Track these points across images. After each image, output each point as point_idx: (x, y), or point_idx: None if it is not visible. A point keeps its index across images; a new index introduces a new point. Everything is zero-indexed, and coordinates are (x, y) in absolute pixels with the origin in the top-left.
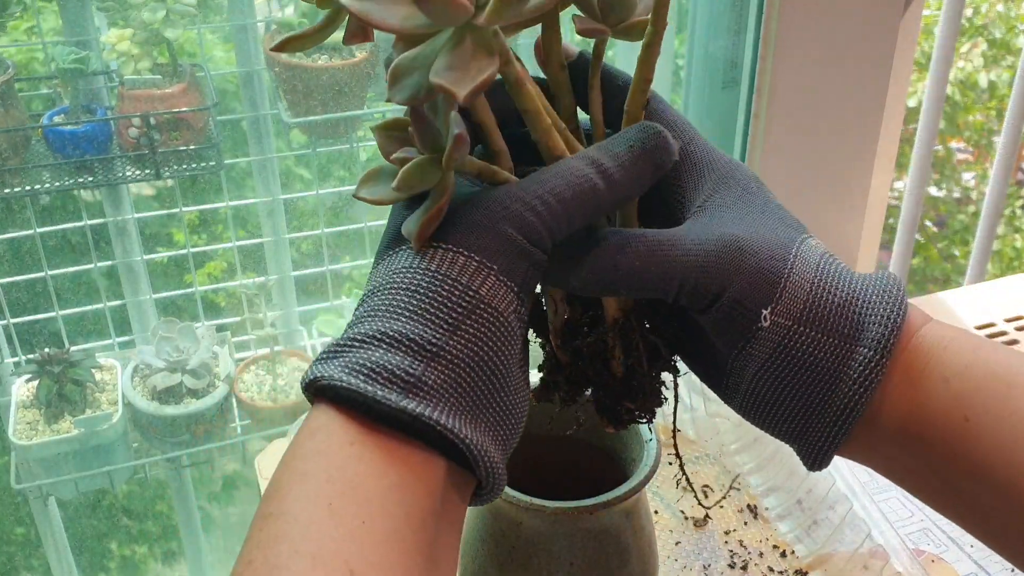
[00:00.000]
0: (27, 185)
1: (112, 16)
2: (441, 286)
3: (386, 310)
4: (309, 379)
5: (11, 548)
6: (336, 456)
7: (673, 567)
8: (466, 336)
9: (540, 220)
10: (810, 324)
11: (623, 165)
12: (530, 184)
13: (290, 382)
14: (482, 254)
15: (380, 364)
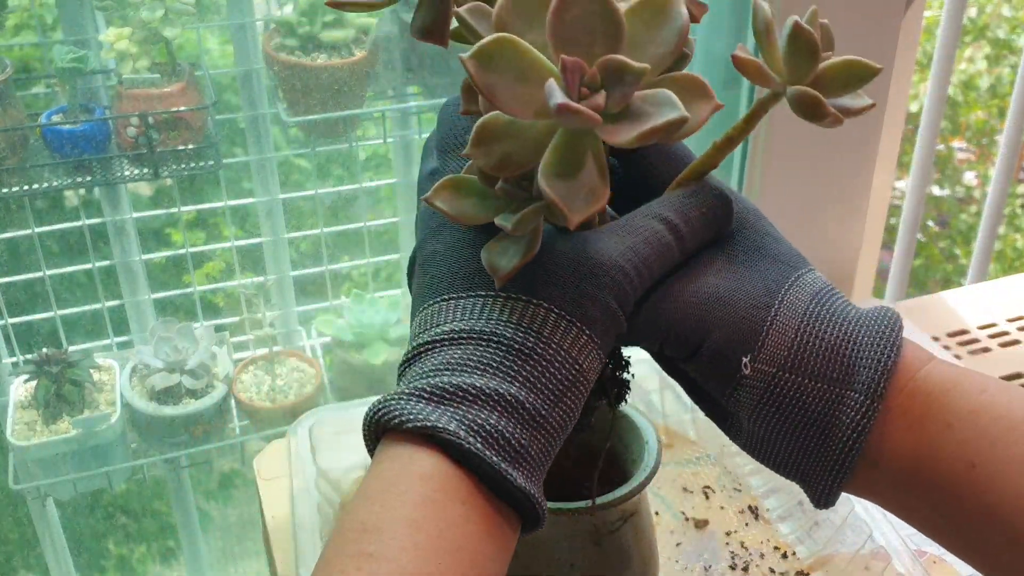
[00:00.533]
0: (25, 184)
1: (110, 15)
2: (556, 356)
3: (498, 367)
4: (420, 424)
5: (9, 548)
6: (448, 512)
7: (674, 568)
8: (565, 408)
9: (633, 290)
10: (796, 370)
11: (694, 230)
12: (623, 248)
13: (289, 383)
14: (591, 328)
15: (497, 430)
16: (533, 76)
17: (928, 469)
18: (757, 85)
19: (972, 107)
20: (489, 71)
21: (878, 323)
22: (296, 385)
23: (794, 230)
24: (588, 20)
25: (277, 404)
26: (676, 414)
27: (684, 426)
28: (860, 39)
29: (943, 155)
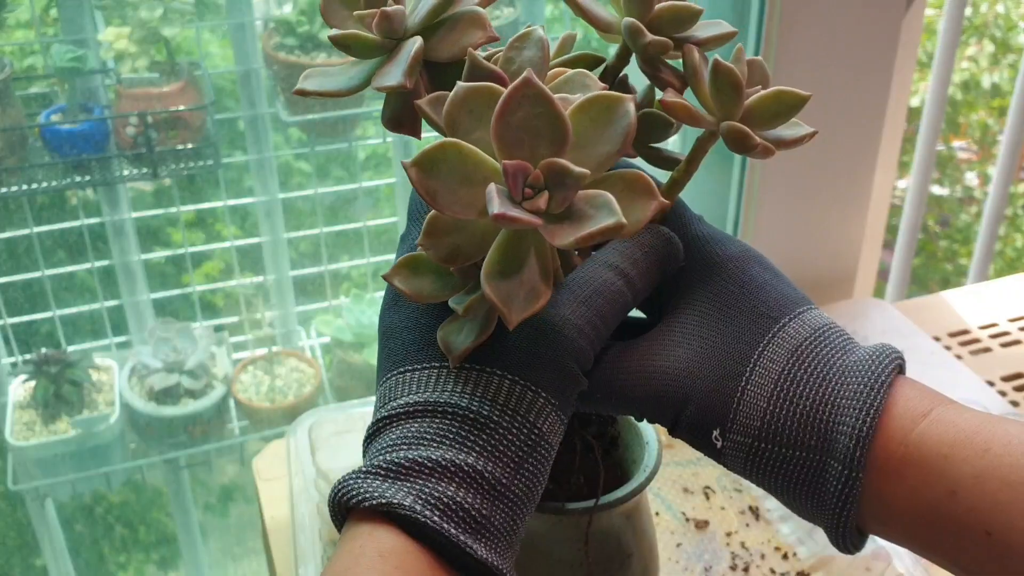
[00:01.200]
0: (24, 184)
1: (110, 14)
2: (512, 422)
3: (454, 438)
4: (376, 501)
5: (8, 549)
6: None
7: (674, 569)
8: (527, 474)
9: (591, 346)
10: (773, 440)
11: (642, 272)
12: (578, 308)
13: (288, 383)
14: (548, 391)
15: (456, 502)
16: (477, 178)
17: (940, 533)
18: (689, 126)
19: (973, 107)
20: (431, 177)
21: (862, 377)
22: (295, 385)
23: (795, 230)
24: (533, 122)
25: (276, 404)
26: None
27: None
28: (861, 39)
29: (944, 155)
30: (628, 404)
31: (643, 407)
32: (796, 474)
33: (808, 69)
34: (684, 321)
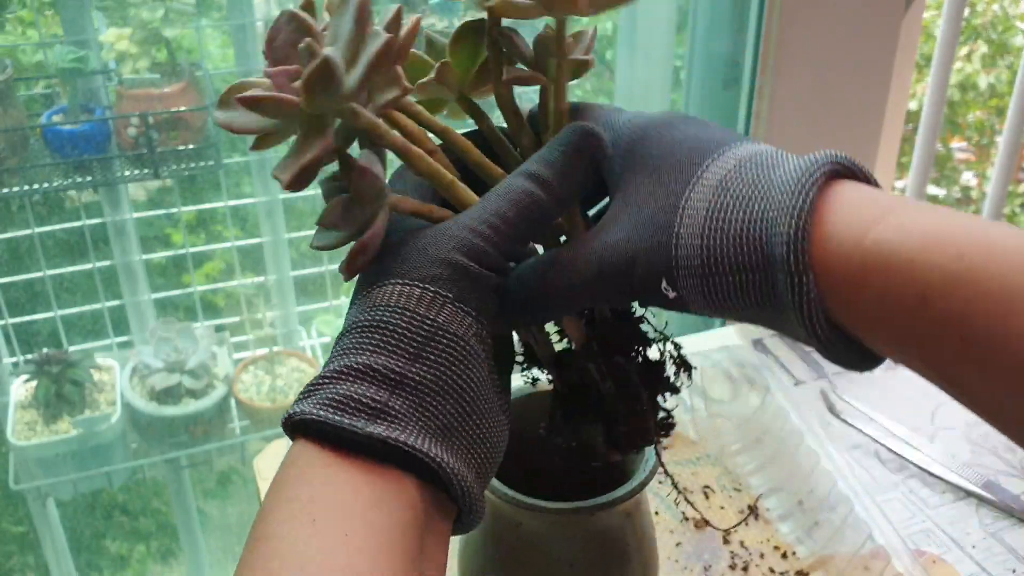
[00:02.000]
0: (25, 185)
1: (111, 15)
2: (401, 318)
3: (354, 347)
4: (285, 417)
5: (9, 548)
6: (315, 479)
7: (674, 568)
8: (428, 362)
9: (488, 243)
10: (716, 272)
11: (558, 170)
12: (474, 210)
13: (289, 382)
14: (436, 284)
15: (348, 395)
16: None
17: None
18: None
19: (971, 107)
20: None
21: (790, 185)
22: (296, 385)
23: None
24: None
25: (277, 404)
26: (676, 414)
27: (684, 426)
28: (860, 40)
29: (942, 155)
30: (583, 289)
31: (597, 286)
32: (752, 297)
33: (807, 70)
34: (621, 198)
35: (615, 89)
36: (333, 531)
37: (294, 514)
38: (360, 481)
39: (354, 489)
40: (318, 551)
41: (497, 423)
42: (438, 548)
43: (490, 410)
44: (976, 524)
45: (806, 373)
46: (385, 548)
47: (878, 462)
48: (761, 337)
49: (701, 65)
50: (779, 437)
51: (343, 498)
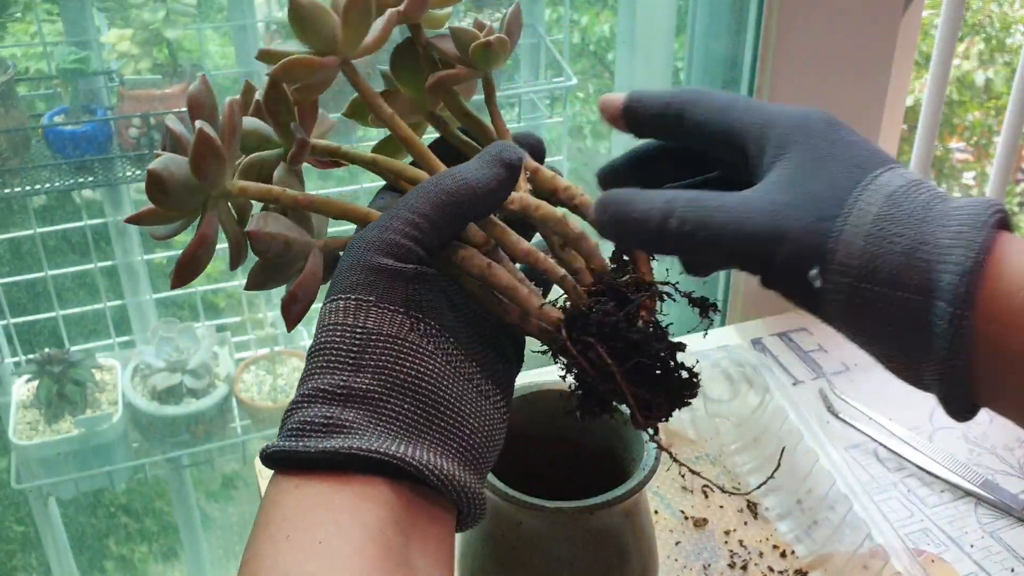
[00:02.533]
0: (27, 185)
1: (112, 16)
2: (332, 334)
3: (306, 375)
4: (261, 456)
5: (11, 547)
6: (286, 500)
7: (673, 567)
8: (370, 369)
9: (404, 236)
10: (872, 279)
11: (472, 168)
12: (388, 212)
13: (290, 382)
14: (356, 291)
15: (303, 421)
16: None
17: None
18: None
19: (969, 107)
20: None
21: (964, 219)
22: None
23: None
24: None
25: (278, 404)
26: (675, 413)
27: (683, 426)
28: (858, 39)
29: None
30: (721, 245)
31: (736, 246)
32: (900, 317)
33: (806, 70)
34: (779, 174)
35: (614, 89)
36: (306, 541)
37: (271, 535)
38: (327, 493)
39: (324, 501)
40: (293, 562)
41: (475, 409)
42: (434, 541)
43: (460, 398)
44: (974, 523)
45: (805, 373)
46: (360, 548)
47: (877, 461)
48: (760, 337)
49: (700, 65)
50: (778, 436)
51: (314, 511)
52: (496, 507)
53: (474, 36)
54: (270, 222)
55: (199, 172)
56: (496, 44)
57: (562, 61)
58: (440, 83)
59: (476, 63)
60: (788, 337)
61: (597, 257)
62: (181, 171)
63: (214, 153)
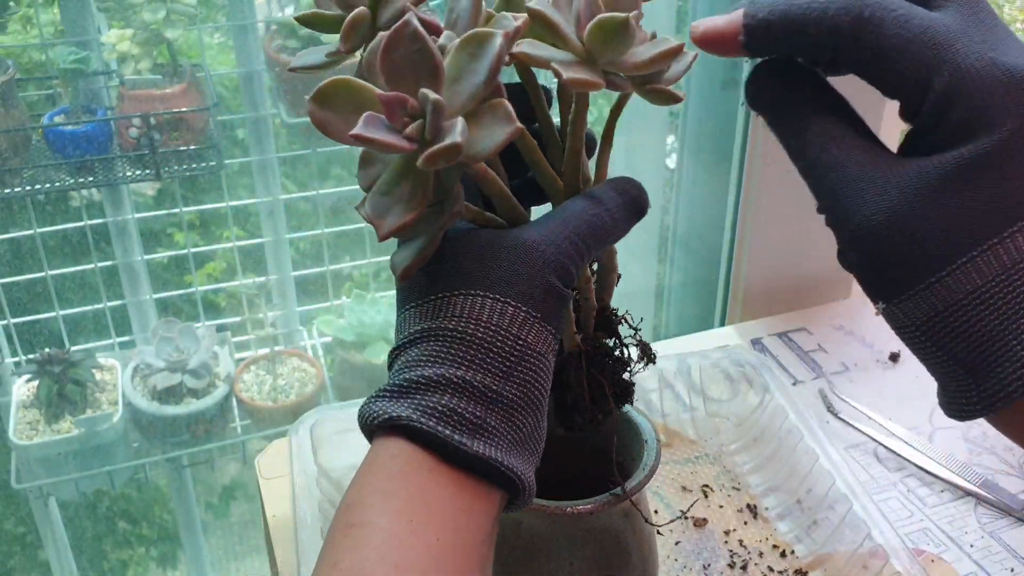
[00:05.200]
0: (27, 185)
1: (112, 16)
2: (496, 337)
3: (446, 357)
4: (384, 417)
5: (11, 547)
6: (415, 479)
7: (673, 567)
8: (518, 381)
9: (572, 263)
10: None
11: (620, 207)
12: (555, 228)
13: (290, 382)
14: (528, 304)
15: (450, 408)
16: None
17: None
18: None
19: None
20: (324, 109)
21: None
22: (297, 385)
23: (793, 231)
24: (412, 58)
25: (278, 403)
26: (675, 413)
27: (683, 425)
28: None
29: None
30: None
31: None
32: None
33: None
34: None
35: None
36: (427, 533)
37: (394, 509)
38: (455, 490)
39: (450, 496)
40: (411, 549)
41: (545, 429)
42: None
43: (546, 414)
44: (974, 523)
45: (805, 373)
46: (467, 553)
47: (876, 461)
48: (760, 337)
49: (700, 65)
50: (778, 436)
51: (441, 503)
52: None
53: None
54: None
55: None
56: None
57: None
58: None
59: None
60: (788, 337)
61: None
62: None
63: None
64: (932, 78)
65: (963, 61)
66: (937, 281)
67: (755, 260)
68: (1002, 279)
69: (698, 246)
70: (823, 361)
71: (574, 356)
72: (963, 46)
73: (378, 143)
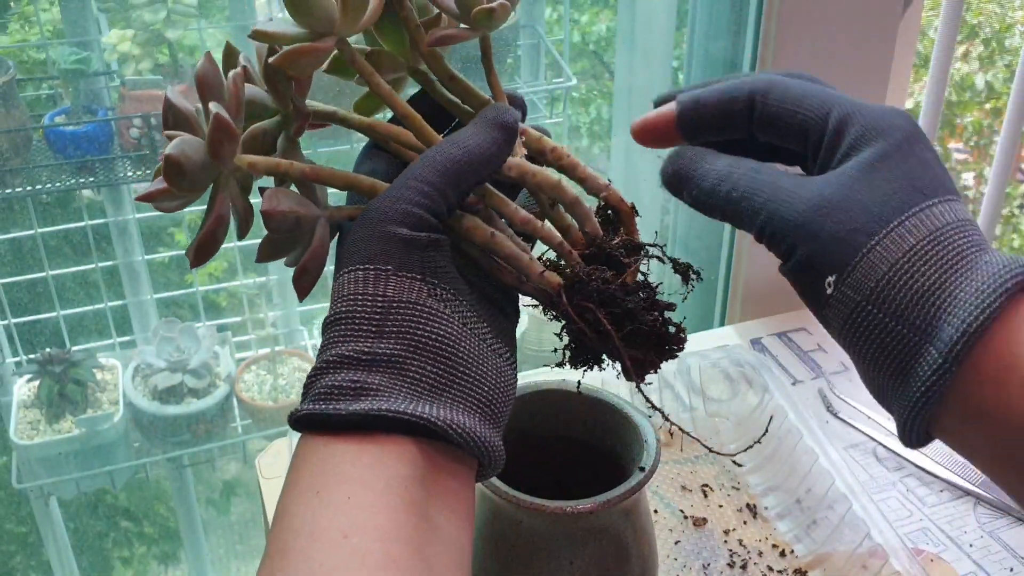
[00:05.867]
0: (28, 185)
1: (113, 17)
2: (354, 304)
3: (328, 342)
4: (289, 419)
5: (12, 547)
6: (314, 458)
7: (673, 566)
8: (393, 335)
9: (417, 206)
10: (880, 306)
11: (473, 135)
12: (398, 182)
13: (291, 382)
14: (375, 261)
15: (331, 385)
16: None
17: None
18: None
19: (968, 108)
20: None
21: (989, 278)
22: (298, 384)
23: None
24: None
25: (279, 403)
26: (675, 413)
27: (683, 425)
28: (858, 40)
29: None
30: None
31: (770, 226)
32: (891, 349)
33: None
34: (841, 172)
35: (614, 90)
36: (335, 497)
37: (301, 492)
38: (355, 451)
39: (351, 459)
40: (323, 517)
41: (491, 368)
42: (453, 494)
43: (477, 358)
44: (973, 523)
45: (804, 372)
46: (384, 501)
47: (876, 461)
48: (760, 337)
49: (699, 66)
50: (777, 436)
51: (341, 468)
52: (496, 507)
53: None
54: (282, 199)
55: (217, 155)
56: (499, 11)
57: (562, 61)
58: (440, 42)
59: (479, 24)
60: (787, 337)
61: (590, 221)
62: (197, 153)
63: (229, 136)
64: (830, 111)
65: (849, 101)
66: (874, 246)
67: (755, 260)
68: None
69: (698, 246)
70: (822, 361)
71: (556, 295)
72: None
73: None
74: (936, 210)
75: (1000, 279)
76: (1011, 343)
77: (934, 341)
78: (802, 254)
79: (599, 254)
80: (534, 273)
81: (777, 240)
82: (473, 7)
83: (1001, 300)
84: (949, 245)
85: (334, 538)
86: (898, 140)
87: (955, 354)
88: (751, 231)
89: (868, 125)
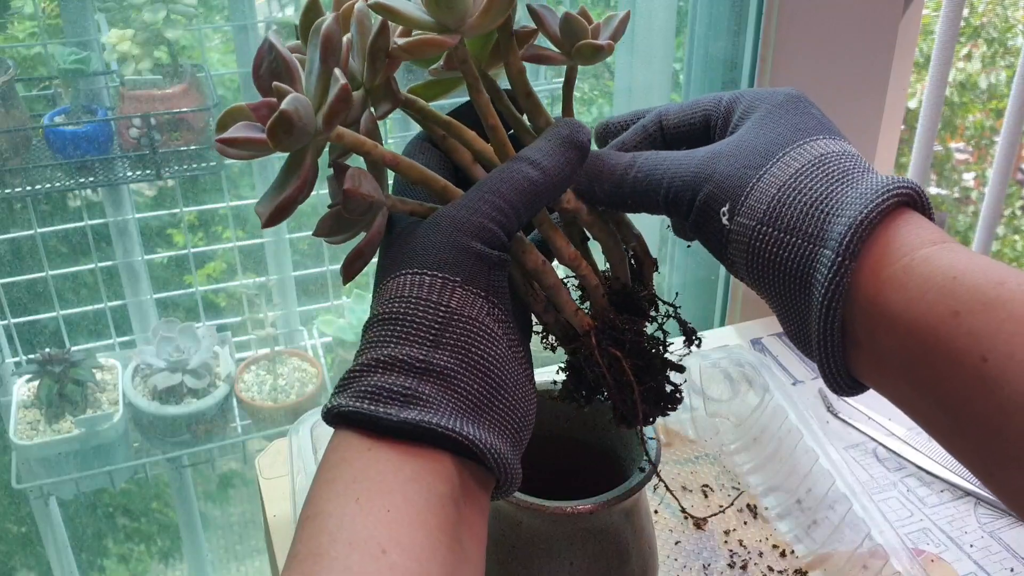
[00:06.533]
0: (28, 185)
1: (113, 17)
2: (417, 308)
3: (378, 340)
4: (326, 410)
5: (11, 547)
6: (357, 461)
7: (673, 567)
8: (449, 347)
9: (493, 222)
10: (773, 224)
11: (550, 154)
12: (475, 193)
13: (291, 382)
14: (444, 270)
15: (380, 386)
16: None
17: (933, 357)
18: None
19: (970, 109)
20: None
21: (873, 186)
22: (297, 384)
23: None
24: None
25: (279, 403)
26: (675, 413)
27: (683, 425)
28: (858, 40)
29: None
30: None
31: (671, 190)
32: (790, 264)
33: (806, 70)
34: (731, 136)
35: (615, 90)
36: (375, 507)
37: (339, 493)
38: (398, 461)
39: (394, 468)
40: (362, 526)
41: (524, 393)
42: (477, 516)
43: (516, 383)
44: (974, 523)
45: (804, 372)
46: (423, 519)
47: (876, 461)
48: (760, 337)
49: (700, 67)
50: (777, 436)
51: (383, 477)
52: (496, 507)
53: (584, 30)
54: (363, 182)
55: (329, 123)
56: (607, 50)
57: None
58: (536, 60)
59: (577, 57)
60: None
61: (623, 268)
62: (308, 115)
63: (348, 104)
64: (723, 97)
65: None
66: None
67: None
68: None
69: (698, 246)
70: None
71: (585, 335)
72: None
73: (239, 141)
74: (821, 142)
75: (886, 184)
76: (905, 245)
77: (827, 243)
78: (700, 199)
79: (625, 302)
80: (569, 310)
81: (678, 200)
82: (579, 39)
83: (888, 200)
84: (835, 166)
85: (372, 551)
86: (781, 100)
87: (847, 248)
88: (659, 208)
89: (755, 96)
